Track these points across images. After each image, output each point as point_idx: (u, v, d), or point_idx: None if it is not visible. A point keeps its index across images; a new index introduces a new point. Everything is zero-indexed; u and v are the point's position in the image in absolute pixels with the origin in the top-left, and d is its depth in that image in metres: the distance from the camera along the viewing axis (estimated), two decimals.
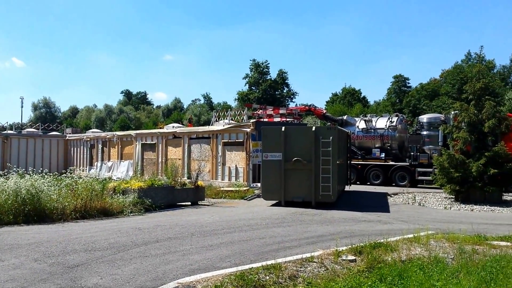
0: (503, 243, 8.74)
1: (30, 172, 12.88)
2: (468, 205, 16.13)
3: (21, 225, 10.89)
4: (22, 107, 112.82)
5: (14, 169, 14.02)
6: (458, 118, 17.78)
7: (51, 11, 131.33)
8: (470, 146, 17.08)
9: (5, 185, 11.60)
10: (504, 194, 17.62)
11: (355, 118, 27.38)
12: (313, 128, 15.38)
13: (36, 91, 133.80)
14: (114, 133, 33.67)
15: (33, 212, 11.42)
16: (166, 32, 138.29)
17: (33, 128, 42.07)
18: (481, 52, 24.73)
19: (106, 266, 6.89)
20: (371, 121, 25.57)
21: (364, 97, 72.68)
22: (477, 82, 17.14)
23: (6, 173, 13.31)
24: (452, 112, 20.33)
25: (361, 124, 25.76)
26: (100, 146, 32.82)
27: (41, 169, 14.51)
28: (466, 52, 67.54)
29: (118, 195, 13.77)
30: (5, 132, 36.05)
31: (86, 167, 33.43)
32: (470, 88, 17.34)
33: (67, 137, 36.55)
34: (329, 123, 26.40)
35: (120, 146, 30.67)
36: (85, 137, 34.78)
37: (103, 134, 35.43)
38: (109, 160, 31.63)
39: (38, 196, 11.66)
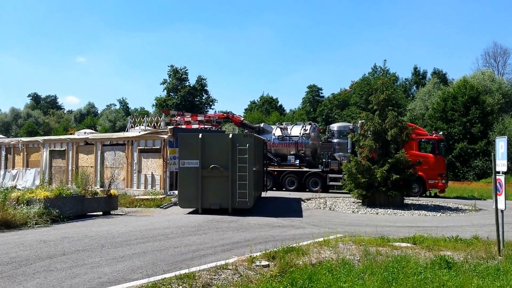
0: (403, 244, 9.39)
1: None
2: (373, 209, 17.12)
3: None
4: None
5: None
6: (365, 127, 18.69)
7: None
8: (375, 153, 18.09)
9: None
10: (405, 198, 18.90)
11: (272, 126, 27.97)
12: (230, 136, 15.49)
13: None
14: (19, 139, 31.27)
15: None
16: (77, 31, 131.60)
17: None
18: (385, 66, 26.86)
19: (6, 282, 6.41)
20: (287, 129, 26.31)
21: (281, 106, 74.93)
22: (381, 94, 18.31)
23: None
24: (360, 121, 21.45)
25: (277, 131, 26.40)
26: (3, 153, 30.28)
27: None
28: (372, 65, 72.16)
29: (22, 205, 12.83)
30: None
31: None
32: (375, 99, 18.47)
33: None
34: (246, 131, 26.76)
35: (26, 153, 28.54)
36: None
37: (7, 140, 32.75)
38: (13, 168, 29.28)
39: None
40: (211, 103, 75.61)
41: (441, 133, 25.89)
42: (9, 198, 13.02)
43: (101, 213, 14.97)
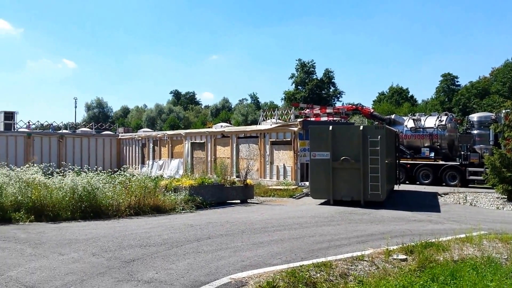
0: None
1: (86, 170, 13.21)
2: None
3: (79, 221, 11.26)
4: (75, 107, 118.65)
5: (70, 167, 14.13)
6: (510, 117, 17.22)
7: (101, 13, 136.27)
8: None
9: (62, 183, 11.95)
10: None
11: (403, 117, 26.90)
12: (361, 127, 15.34)
13: (87, 92, 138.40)
14: (165, 132, 34.58)
15: (89, 208, 11.78)
16: (210, 31, 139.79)
17: (87, 127, 43.32)
18: None
19: (161, 261, 7.12)
20: (420, 120, 25.07)
21: (412, 96, 70.91)
22: None
23: (62, 171, 13.40)
24: (503, 111, 19.61)
25: (409, 123, 25.31)
26: (151, 145, 33.71)
27: (95, 167, 14.54)
28: None
29: (170, 192, 14.19)
30: (61, 131, 37.08)
31: (138, 165, 34.37)
32: None
33: (119, 136, 37.71)
34: (376, 122, 26.09)
35: (170, 145, 31.50)
36: (136, 136, 35.80)
37: (154, 133, 36.39)
38: (160, 158, 32.50)
39: (94, 193, 11.99)
40: (338, 96, 74.77)
41: None
42: (159, 185, 14.41)
43: (238, 201, 16.01)
